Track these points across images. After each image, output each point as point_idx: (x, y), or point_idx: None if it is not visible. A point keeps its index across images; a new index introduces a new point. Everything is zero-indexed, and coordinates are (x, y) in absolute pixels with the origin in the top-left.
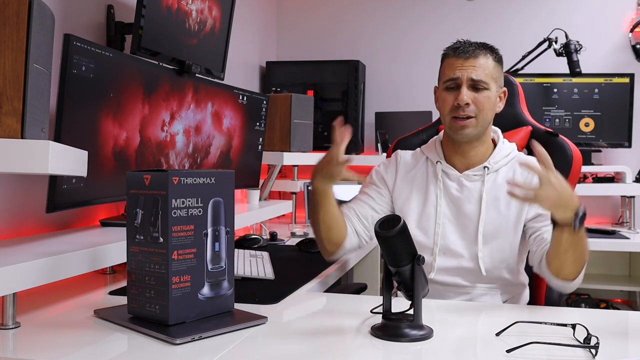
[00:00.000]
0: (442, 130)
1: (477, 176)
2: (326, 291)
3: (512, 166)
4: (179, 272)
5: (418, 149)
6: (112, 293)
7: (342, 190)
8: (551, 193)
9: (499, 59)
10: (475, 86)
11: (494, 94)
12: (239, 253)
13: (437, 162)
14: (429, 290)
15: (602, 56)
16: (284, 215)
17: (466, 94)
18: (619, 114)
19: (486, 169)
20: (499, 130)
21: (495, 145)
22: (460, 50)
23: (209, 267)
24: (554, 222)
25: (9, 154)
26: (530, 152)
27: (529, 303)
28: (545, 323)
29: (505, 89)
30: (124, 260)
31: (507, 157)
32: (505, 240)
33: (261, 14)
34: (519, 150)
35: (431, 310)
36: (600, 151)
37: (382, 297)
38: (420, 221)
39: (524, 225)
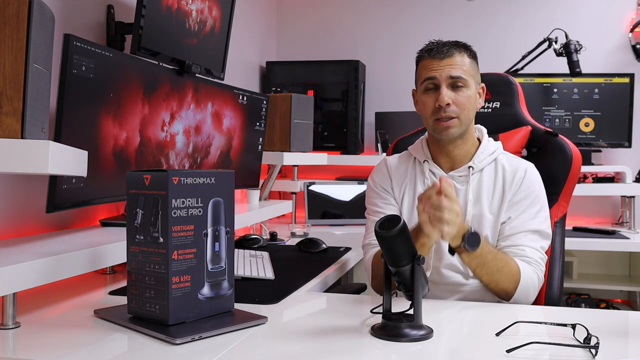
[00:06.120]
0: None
1: (462, 177)
2: (326, 291)
3: (495, 165)
4: (179, 272)
5: (405, 151)
6: (112, 293)
7: (342, 190)
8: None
9: (473, 55)
10: (455, 84)
11: (473, 91)
12: (239, 253)
13: (424, 162)
14: (429, 290)
15: (602, 56)
16: (284, 215)
17: (446, 94)
18: (619, 114)
19: (471, 168)
20: (484, 129)
21: (480, 144)
22: (435, 52)
23: (209, 267)
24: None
25: (9, 154)
26: (529, 152)
27: None
28: (545, 323)
29: (483, 84)
30: (124, 260)
31: (491, 155)
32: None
33: (261, 14)
34: (518, 150)
35: (431, 310)
36: (600, 151)
37: (382, 297)
38: (411, 220)
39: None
